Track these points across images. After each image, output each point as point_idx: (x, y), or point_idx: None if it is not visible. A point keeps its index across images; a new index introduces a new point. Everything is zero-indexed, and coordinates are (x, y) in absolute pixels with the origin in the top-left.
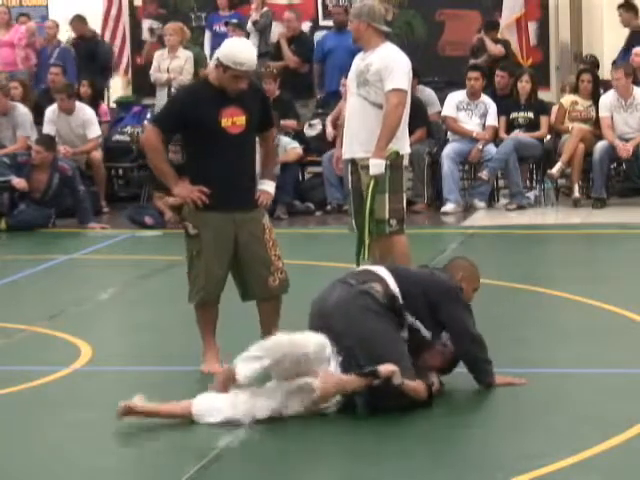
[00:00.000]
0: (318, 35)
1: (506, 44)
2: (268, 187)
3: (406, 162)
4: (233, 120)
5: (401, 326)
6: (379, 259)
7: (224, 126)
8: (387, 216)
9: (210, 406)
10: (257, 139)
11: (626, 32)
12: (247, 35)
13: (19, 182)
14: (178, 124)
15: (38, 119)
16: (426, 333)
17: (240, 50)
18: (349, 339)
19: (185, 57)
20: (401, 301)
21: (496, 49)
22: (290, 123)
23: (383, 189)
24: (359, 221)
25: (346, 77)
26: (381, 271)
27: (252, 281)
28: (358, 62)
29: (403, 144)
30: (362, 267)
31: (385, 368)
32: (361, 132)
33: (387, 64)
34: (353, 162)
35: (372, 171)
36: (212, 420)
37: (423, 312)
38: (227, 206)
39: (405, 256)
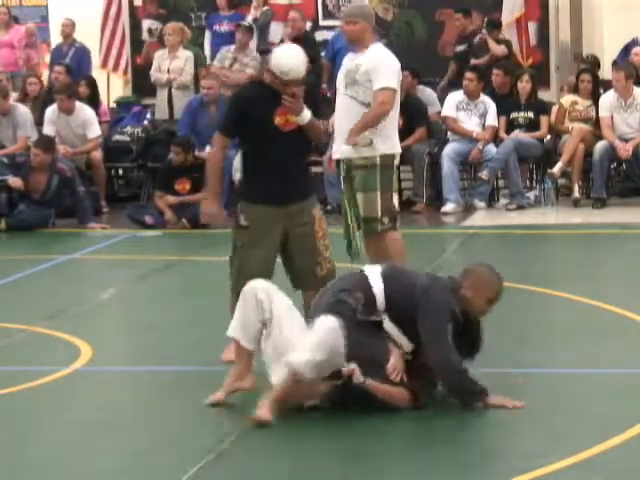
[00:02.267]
0: (322, 34)
1: (508, 44)
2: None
3: (397, 162)
4: (286, 118)
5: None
6: (374, 257)
7: (278, 124)
8: (379, 214)
9: None
10: None
11: (626, 32)
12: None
13: (14, 181)
14: (240, 124)
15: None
16: (406, 345)
17: (287, 60)
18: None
19: (185, 57)
20: (382, 307)
21: (499, 49)
22: None
23: (374, 187)
24: (346, 218)
25: None
26: (372, 275)
27: (300, 271)
28: (347, 62)
29: (393, 143)
30: (353, 270)
31: (346, 368)
32: (347, 132)
33: (376, 64)
34: (342, 161)
35: (336, 155)
36: None
37: (408, 321)
38: (280, 200)
39: (399, 253)
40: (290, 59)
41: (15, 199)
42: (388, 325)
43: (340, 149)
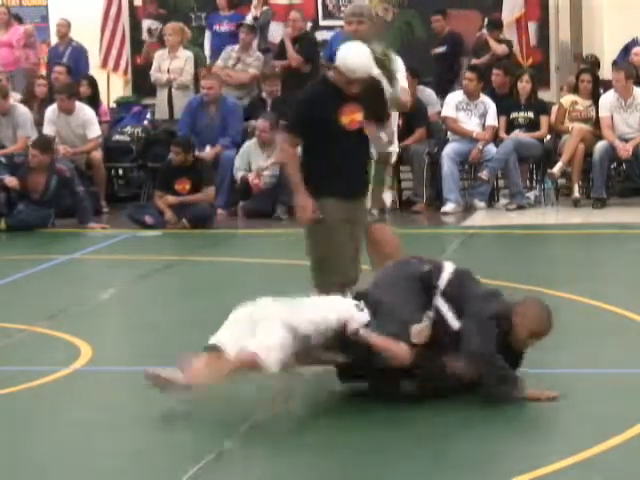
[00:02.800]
0: (322, 34)
1: (509, 44)
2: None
3: (393, 160)
4: (352, 117)
5: (426, 307)
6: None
7: (344, 123)
8: (369, 205)
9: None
10: None
11: (626, 32)
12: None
13: (10, 180)
14: (307, 124)
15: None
16: (454, 323)
17: (353, 57)
18: (379, 297)
19: (185, 57)
20: (441, 286)
21: (500, 48)
22: None
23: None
24: None
25: None
26: (448, 264)
27: (359, 262)
28: None
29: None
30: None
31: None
32: None
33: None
34: None
35: None
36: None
37: (459, 308)
38: (345, 195)
39: (391, 241)
40: (358, 57)
41: (14, 199)
42: (440, 303)
43: None
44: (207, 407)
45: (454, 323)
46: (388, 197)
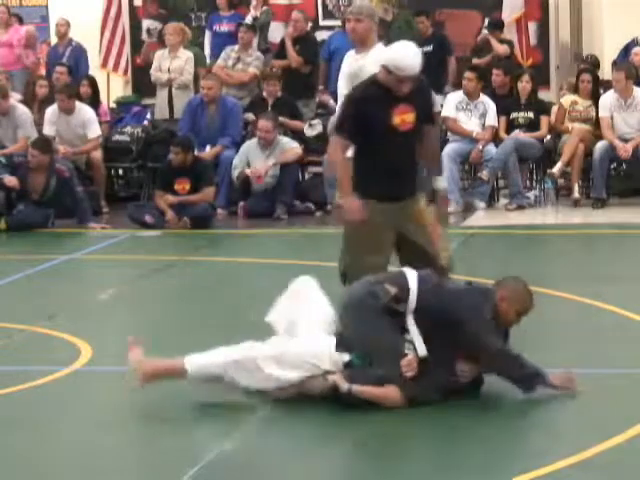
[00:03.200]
0: (322, 34)
1: (510, 44)
2: (444, 182)
3: None
4: (403, 118)
5: (403, 330)
6: None
7: (395, 124)
8: None
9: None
10: None
11: (626, 32)
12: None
13: (10, 180)
14: (356, 125)
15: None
16: (421, 349)
17: (402, 55)
18: (353, 334)
19: (186, 57)
20: (411, 307)
21: (501, 48)
22: (297, 124)
23: None
24: None
25: None
26: (410, 274)
27: (420, 264)
28: (351, 61)
29: None
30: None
31: (331, 376)
32: None
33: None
34: None
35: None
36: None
37: (433, 327)
38: (395, 197)
39: None
40: (406, 56)
41: (14, 199)
42: (411, 325)
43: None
44: (207, 407)
45: (420, 348)
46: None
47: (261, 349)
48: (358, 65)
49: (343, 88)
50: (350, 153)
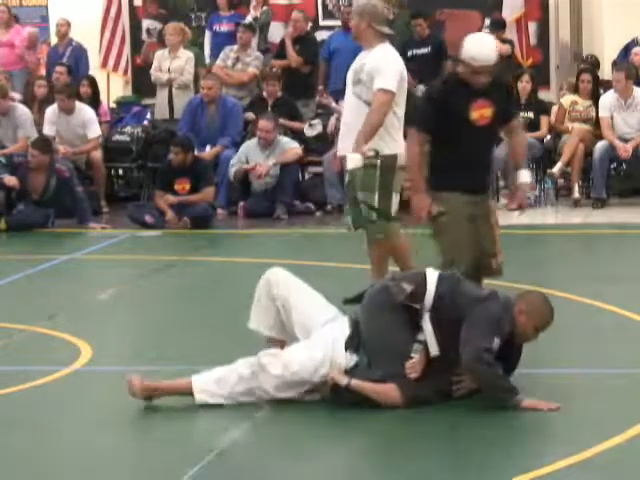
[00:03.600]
0: (322, 34)
1: (511, 44)
2: (527, 178)
3: (402, 162)
4: (482, 113)
5: (416, 331)
6: (376, 255)
7: (473, 119)
8: (375, 217)
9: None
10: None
11: (626, 32)
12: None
13: (10, 179)
14: (437, 121)
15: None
16: (434, 349)
17: (476, 46)
18: (364, 332)
19: (186, 57)
20: (429, 306)
21: (503, 48)
22: (297, 124)
23: (372, 188)
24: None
25: None
26: (430, 274)
27: (483, 258)
28: (356, 60)
29: (396, 144)
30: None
31: (331, 372)
32: (354, 130)
33: (377, 65)
34: (344, 159)
35: (348, 165)
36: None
37: (448, 328)
38: (471, 190)
39: (401, 251)
40: (481, 47)
41: (14, 199)
42: (426, 323)
43: (343, 146)
44: (207, 407)
45: (433, 348)
46: (395, 202)
47: (262, 379)
48: (360, 63)
49: (349, 85)
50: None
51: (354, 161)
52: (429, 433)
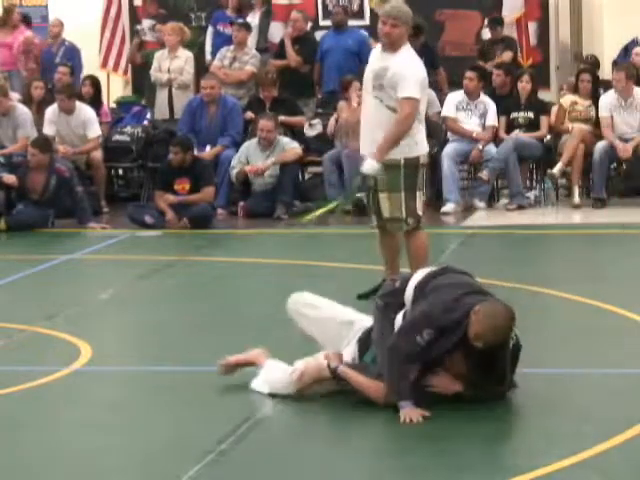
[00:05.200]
0: (322, 34)
1: (513, 42)
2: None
3: (423, 161)
4: None
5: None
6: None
7: None
8: (404, 215)
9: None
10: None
11: (626, 32)
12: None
13: (9, 178)
14: None
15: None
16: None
17: None
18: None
19: (185, 57)
20: (407, 303)
21: (507, 55)
22: (299, 120)
23: (398, 188)
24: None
25: (343, 77)
26: (419, 272)
27: None
28: (374, 61)
29: (418, 145)
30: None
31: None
32: (376, 133)
33: (403, 72)
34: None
35: (365, 169)
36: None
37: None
38: None
39: (422, 252)
40: None
41: (14, 199)
42: (398, 319)
43: (365, 147)
44: (207, 407)
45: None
46: (419, 202)
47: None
48: (382, 65)
49: (368, 87)
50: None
51: (372, 168)
52: (428, 433)
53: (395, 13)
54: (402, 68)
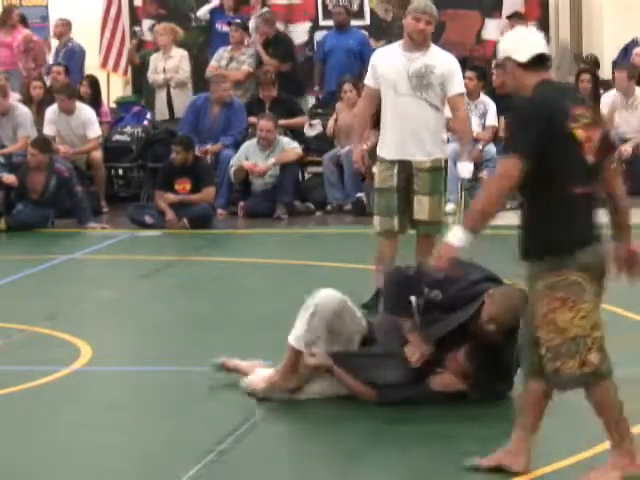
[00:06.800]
0: (322, 34)
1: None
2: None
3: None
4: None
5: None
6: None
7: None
8: (442, 217)
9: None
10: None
11: (626, 32)
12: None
13: (8, 177)
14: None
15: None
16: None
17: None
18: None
19: (179, 55)
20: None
21: None
22: (300, 120)
23: (440, 190)
24: (404, 220)
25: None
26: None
27: None
28: (403, 61)
29: (446, 147)
30: None
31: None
32: (421, 134)
33: (451, 69)
34: (402, 163)
35: (463, 174)
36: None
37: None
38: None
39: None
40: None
41: (14, 199)
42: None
43: (404, 150)
44: (207, 407)
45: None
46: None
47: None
48: (423, 64)
49: (404, 89)
50: None
51: (469, 171)
52: (428, 433)
53: (430, 10)
54: (450, 64)
